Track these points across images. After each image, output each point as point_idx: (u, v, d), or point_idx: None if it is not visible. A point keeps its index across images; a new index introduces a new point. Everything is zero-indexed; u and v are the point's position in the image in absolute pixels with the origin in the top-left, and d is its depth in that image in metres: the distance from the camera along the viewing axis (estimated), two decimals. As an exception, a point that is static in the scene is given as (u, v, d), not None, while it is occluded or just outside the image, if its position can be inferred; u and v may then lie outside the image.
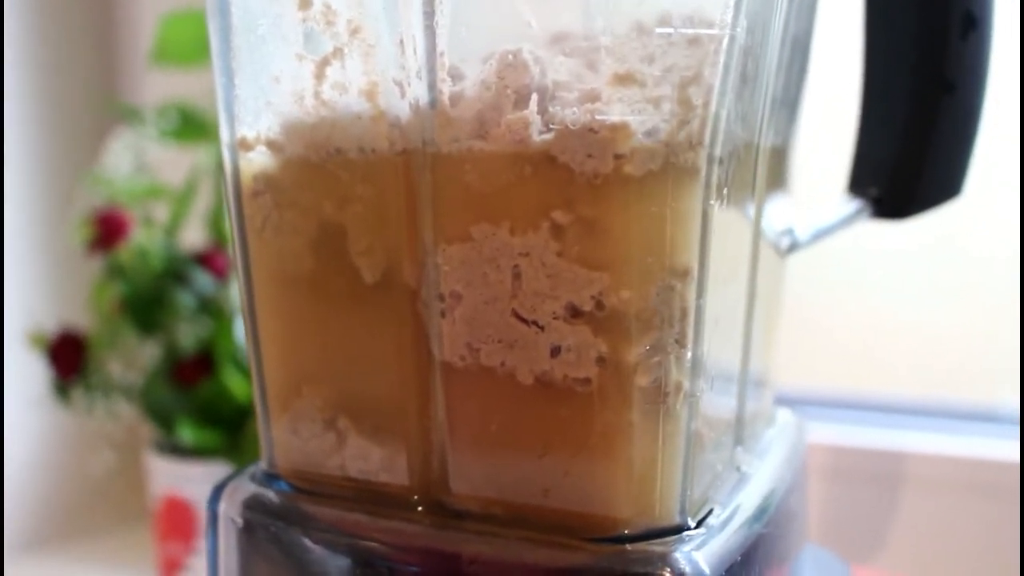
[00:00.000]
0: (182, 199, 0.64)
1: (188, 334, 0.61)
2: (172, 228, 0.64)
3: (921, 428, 0.62)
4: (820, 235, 0.38)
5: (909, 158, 0.38)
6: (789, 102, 0.36)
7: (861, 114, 0.39)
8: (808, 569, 0.38)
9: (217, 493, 0.34)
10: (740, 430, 0.35)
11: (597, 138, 0.27)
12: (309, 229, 0.31)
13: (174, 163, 0.66)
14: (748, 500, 0.32)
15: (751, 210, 0.33)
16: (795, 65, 0.35)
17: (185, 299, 0.61)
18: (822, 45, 0.40)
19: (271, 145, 0.31)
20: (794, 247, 0.37)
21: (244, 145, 0.32)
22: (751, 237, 0.33)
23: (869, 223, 0.39)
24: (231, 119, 0.32)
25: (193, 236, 0.66)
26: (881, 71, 0.39)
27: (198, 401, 0.60)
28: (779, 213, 0.36)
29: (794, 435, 0.39)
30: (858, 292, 0.66)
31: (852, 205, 0.39)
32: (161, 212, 0.65)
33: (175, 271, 0.62)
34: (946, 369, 0.66)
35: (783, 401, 0.42)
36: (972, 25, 0.37)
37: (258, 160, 0.32)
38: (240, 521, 0.33)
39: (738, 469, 0.34)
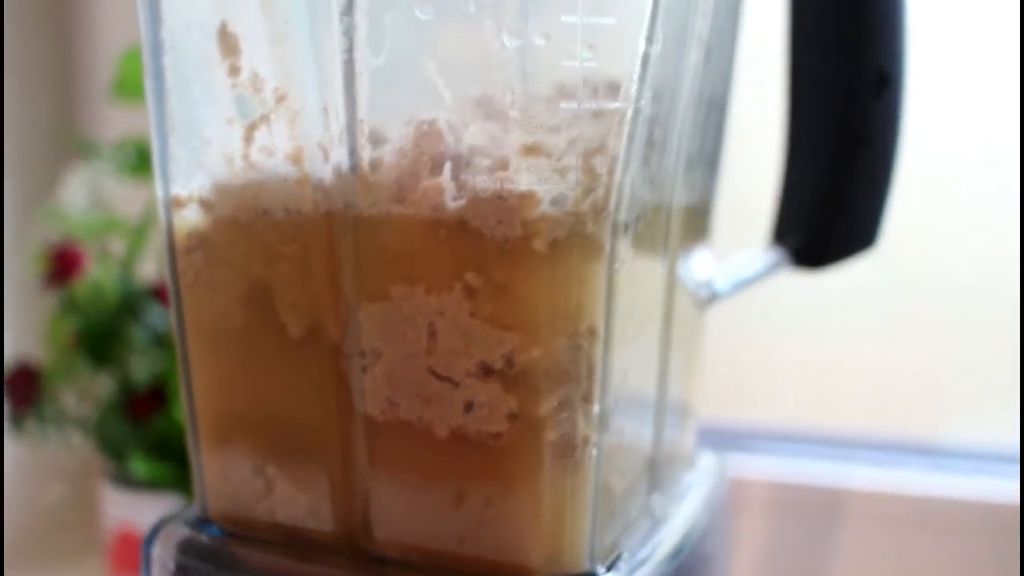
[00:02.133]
0: (138, 233, 0.65)
1: (141, 367, 0.62)
2: (128, 262, 0.65)
3: (863, 462, 0.63)
4: (740, 286, 0.40)
5: (826, 210, 0.40)
6: (705, 160, 0.37)
7: (783, 168, 0.41)
8: (728, 607, 0.40)
9: (152, 536, 0.35)
10: (656, 475, 0.36)
11: (506, 205, 0.28)
12: (238, 286, 0.32)
13: (131, 197, 0.67)
14: (661, 544, 0.33)
15: (663, 266, 0.34)
16: (711, 125, 0.37)
17: (139, 333, 0.62)
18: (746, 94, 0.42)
19: (203, 204, 0.33)
20: (714, 298, 0.39)
21: (177, 203, 0.33)
22: (664, 292, 0.34)
23: (789, 272, 0.41)
24: (165, 177, 0.33)
25: (149, 269, 0.67)
26: (801, 126, 0.41)
27: (150, 434, 0.61)
28: (698, 265, 0.38)
29: (714, 478, 0.40)
30: (799, 324, 0.68)
31: (772, 255, 0.40)
32: (117, 246, 0.66)
33: (130, 305, 0.63)
34: (889, 403, 0.67)
35: (723, 435, 0.43)
36: (885, 84, 0.39)
37: (191, 217, 0.33)
38: (172, 565, 0.34)
39: (652, 515, 0.35)
